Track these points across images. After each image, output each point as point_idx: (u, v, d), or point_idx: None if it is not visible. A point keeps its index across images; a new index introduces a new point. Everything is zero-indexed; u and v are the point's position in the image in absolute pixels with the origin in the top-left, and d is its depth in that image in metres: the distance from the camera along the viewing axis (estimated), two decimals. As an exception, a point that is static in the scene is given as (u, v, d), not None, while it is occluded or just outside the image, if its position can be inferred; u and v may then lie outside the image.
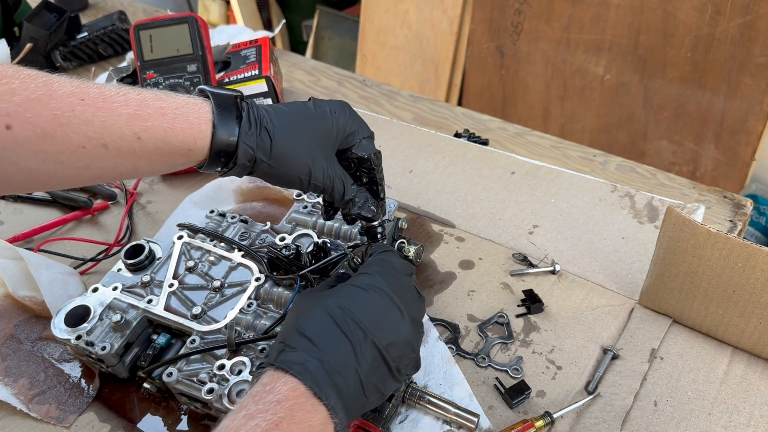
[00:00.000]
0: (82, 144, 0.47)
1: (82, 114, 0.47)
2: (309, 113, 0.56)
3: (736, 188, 1.71)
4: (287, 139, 0.54)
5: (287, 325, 0.51)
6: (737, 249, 0.59)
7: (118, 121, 0.48)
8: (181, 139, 0.51)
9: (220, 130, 0.52)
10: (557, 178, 0.92)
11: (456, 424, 0.62)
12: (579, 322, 0.73)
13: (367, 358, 0.48)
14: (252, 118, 0.53)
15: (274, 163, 0.54)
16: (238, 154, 0.52)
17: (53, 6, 1.29)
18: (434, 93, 2.09)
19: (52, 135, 0.46)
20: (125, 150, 0.49)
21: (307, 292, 0.56)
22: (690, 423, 0.62)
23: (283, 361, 0.46)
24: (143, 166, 0.52)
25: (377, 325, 0.50)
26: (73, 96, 0.47)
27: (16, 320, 0.76)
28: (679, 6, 1.58)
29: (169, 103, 0.51)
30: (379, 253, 0.58)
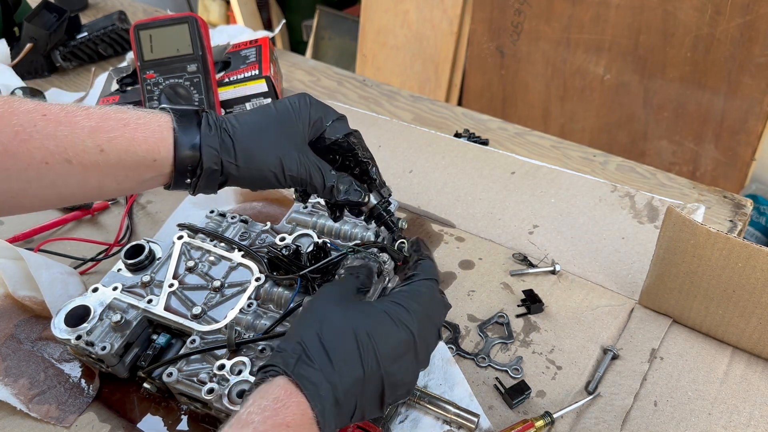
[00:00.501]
0: (45, 159, 0.47)
1: (44, 129, 0.47)
2: (269, 112, 0.56)
3: (736, 188, 1.71)
4: (251, 137, 0.54)
5: (307, 324, 0.49)
6: (737, 249, 0.59)
7: (80, 134, 0.48)
8: (144, 148, 0.51)
9: (181, 136, 0.52)
10: (557, 178, 0.92)
11: (456, 424, 0.62)
12: (579, 322, 0.73)
13: (370, 389, 0.48)
14: (211, 122, 0.53)
15: (242, 163, 0.53)
16: (203, 159, 0.52)
17: (53, 6, 1.29)
18: (434, 93, 2.09)
19: (14, 152, 0.46)
20: (89, 164, 0.49)
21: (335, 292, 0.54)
22: (690, 423, 0.62)
23: (300, 375, 0.45)
24: (109, 183, 0.51)
25: (392, 363, 0.48)
26: (34, 112, 0.47)
27: (16, 320, 0.76)
28: (679, 6, 1.58)
29: (130, 115, 0.51)
30: (423, 279, 0.54)
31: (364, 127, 1.05)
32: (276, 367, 0.46)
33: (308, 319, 0.50)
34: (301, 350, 0.46)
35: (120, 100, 1.04)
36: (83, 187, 0.51)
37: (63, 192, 0.50)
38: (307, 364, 0.46)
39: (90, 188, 0.51)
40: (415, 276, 0.55)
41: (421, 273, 0.55)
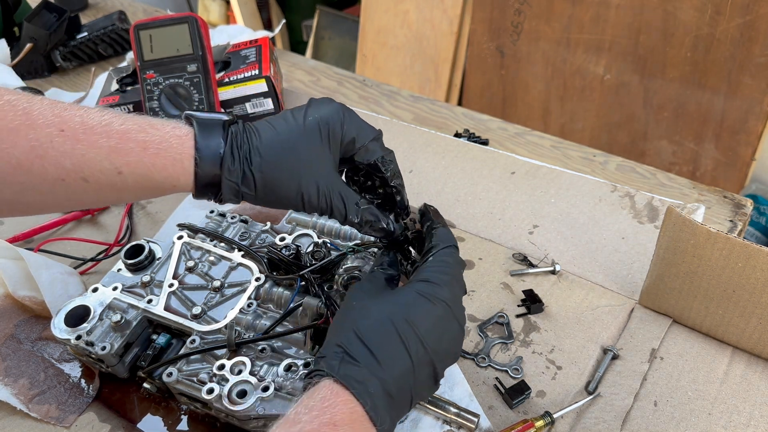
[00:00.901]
0: (60, 176, 0.46)
1: (61, 146, 0.45)
2: (298, 131, 0.52)
3: (736, 188, 1.71)
4: (274, 167, 0.50)
5: (344, 326, 0.48)
6: (737, 249, 0.59)
7: (98, 154, 0.46)
8: (164, 175, 0.49)
9: (202, 166, 0.49)
10: (557, 178, 0.92)
11: (456, 424, 0.62)
12: (579, 322, 0.73)
13: (423, 375, 0.47)
14: (235, 150, 0.50)
15: (262, 193, 0.51)
16: (222, 191, 0.50)
17: (53, 6, 1.29)
18: (434, 93, 2.09)
19: (28, 167, 0.44)
20: (106, 184, 0.47)
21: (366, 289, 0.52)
22: (690, 423, 0.62)
23: (344, 376, 0.44)
24: (127, 197, 0.51)
25: (438, 341, 0.48)
26: (52, 126, 0.45)
27: (16, 320, 0.76)
28: (679, 6, 1.58)
29: (152, 137, 0.48)
30: (444, 248, 0.53)
31: (364, 127, 1.05)
32: (320, 371, 0.45)
33: (343, 320, 0.49)
34: (342, 351, 0.46)
35: (120, 100, 1.04)
36: (99, 201, 0.50)
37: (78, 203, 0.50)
38: (351, 363, 0.45)
39: (106, 200, 0.51)
40: (435, 246, 0.53)
41: (440, 242, 0.54)
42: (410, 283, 0.51)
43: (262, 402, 0.59)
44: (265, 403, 0.59)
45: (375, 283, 0.53)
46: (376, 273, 0.55)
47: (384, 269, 0.55)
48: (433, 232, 0.55)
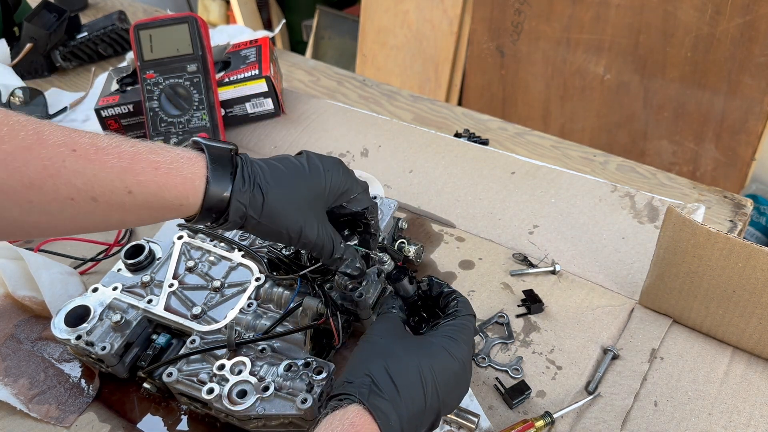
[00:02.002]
0: (71, 196, 0.46)
1: (73, 165, 0.45)
2: (303, 172, 0.56)
3: (736, 188, 1.71)
4: (280, 198, 0.53)
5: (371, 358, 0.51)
6: (737, 249, 0.59)
7: (109, 174, 0.47)
8: (174, 194, 0.50)
9: (213, 186, 0.51)
10: (557, 178, 0.92)
11: (456, 424, 0.62)
12: (579, 322, 0.73)
13: (428, 418, 0.51)
14: (246, 174, 0.52)
15: (265, 221, 0.53)
16: (230, 211, 0.52)
17: (53, 6, 1.29)
18: (434, 93, 2.09)
19: (40, 186, 0.44)
20: (115, 204, 0.48)
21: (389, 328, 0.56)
22: (690, 423, 0.62)
23: (373, 405, 0.47)
24: (131, 219, 0.51)
25: (448, 393, 0.52)
26: (64, 146, 0.45)
27: (16, 320, 0.76)
28: (679, 6, 1.58)
29: (163, 157, 0.49)
30: (465, 316, 0.58)
31: (364, 127, 1.05)
32: (350, 395, 0.48)
33: (371, 353, 0.52)
34: (371, 382, 0.49)
35: (120, 100, 1.04)
36: (104, 222, 0.50)
37: (82, 225, 0.50)
38: (378, 395, 0.48)
39: (110, 223, 0.51)
40: (459, 311, 0.58)
41: (463, 309, 0.58)
42: (435, 336, 0.55)
43: (262, 402, 0.59)
44: (265, 403, 0.59)
45: (395, 323, 0.57)
46: (393, 315, 0.59)
47: (397, 312, 0.59)
48: (457, 300, 0.60)
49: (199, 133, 0.98)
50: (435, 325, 0.58)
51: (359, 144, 1.02)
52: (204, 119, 0.98)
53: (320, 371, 0.61)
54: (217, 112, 1.00)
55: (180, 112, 0.99)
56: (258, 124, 1.09)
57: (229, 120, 1.07)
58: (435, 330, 0.56)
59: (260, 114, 1.08)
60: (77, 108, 1.22)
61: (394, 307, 0.60)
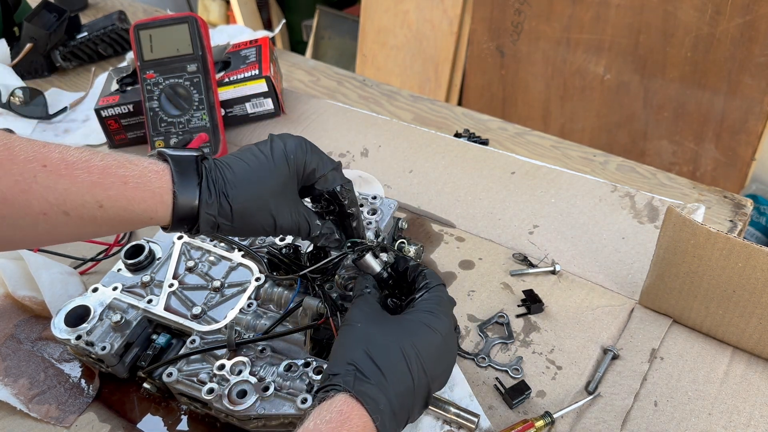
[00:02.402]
0: (43, 211, 0.47)
1: (44, 181, 0.46)
2: (267, 163, 0.56)
3: (736, 188, 1.71)
4: (247, 199, 0.54)
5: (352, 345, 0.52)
6: (737, 249, 0.59)
7: (80, 189, 0.47)
8: (143, 207, 0.51)
9: (180, 200, 0.51)
10: (557, 178, 0.92)
11: (456, 424, 0.62)
12: (579, 322, 0.73)
13: (419, 397, 0.52)
14: (211, 185, 0.53)
15: (238, 223, 0.54)
16: (199, 222, 0.53)
17: (53, 6, 1.29)
18: (434, 93, 2.09)
19: (12, 201, 0.45)
20: (87, 217, 0.49)
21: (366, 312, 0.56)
22: (690, 423, 0.62)
23: (360, 391, 0.48)
24: (103, 231, 0.52)
25: (435, 367, 0.53)
26: (35, 161, 0.46)
27: (16, 320, 0.76)
28: (679, 6, 1.58)
29: (131, 171, 0.50)
30: (437, 285, 0.59)
31: (364, 127, 1.05)
32: (336, 386, 0.49)
33: (352, 340, 0.53)
34: (354, 369, 0.49)
35: (120, 100, 1.04)
36: (77, 235, 0.51)
37: (56, 238, 0.51)
38: (364, 381, 0.49)
39: (83, 235, 0.52)
40: (429, 283, 0.59)
41: (431, 280, 0.59)
42: (412, 313, 0.56)
43: (262, 402, 0.59)
44: (265, 403, 0.59)
45: (371, 305, 0.57)
46: (368, 296, 0.59)
47: (371, 293, 0.60)
48: (424, 272, 0.61)
49: (199, 134, 0.98)
50: (410, 302, 0.58)
51: (359, 144, 1.02)
52: (204, 119, 0.98)
53: (320, 371, 0.61)
54: (217, 112, 1.00)
55: (180, 112, 0.99)
56: (258, 124, 1.09)
57: (229, 120, 1.07)
58: (411, 307, 0.57)
59: (260, 114, 1.08)
60: (77, 108, 1.22)
61: (367, 287, 0.60)
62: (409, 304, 0.58)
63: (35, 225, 0.47)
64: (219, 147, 0.98)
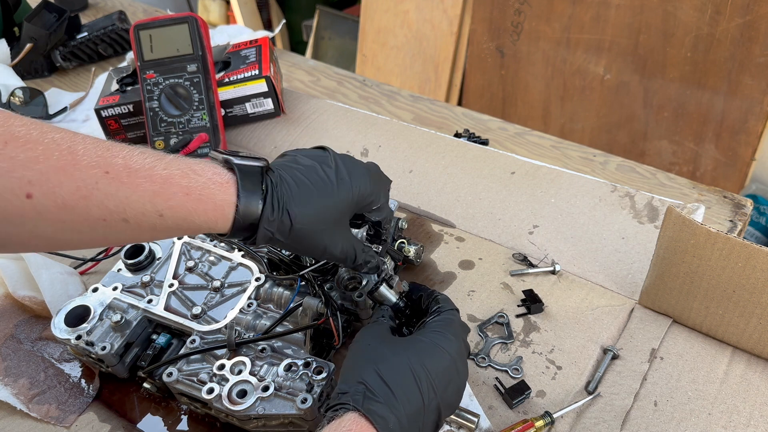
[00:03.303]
0: (102, 217, 0.46)
1: (106, 188, 0.46)
2: (330, 188, 0.55)
3: (736, 188, 1.71)
4: (307, 222, 0.53)
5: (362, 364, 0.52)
6: (737, 249, 0.59)
7: (141, 198, 0.47)
8: (204, 219, 0.50)
9: (242, 214, 0.51)
10: (557, 178, 0.92)
11: (456, 424, 0.62)
12: (579, 322, 0.73)
13: (430, 417, 0.51)
14: (275, 200, 0.52)
15: (291, 242, 0.54)
16: (257, 236, 0.52)
17: (53, 6, 1.29)
18: (434, 93, 2.09)
19: (72, 207, 0.45)
20: (146, 225, 0.48)
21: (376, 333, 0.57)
22: (690, 423, 0.62)
23: (369, 410, 0.48)
24: (161, 237, 0.52)
25: (445, 389, 0.52)
26: (97, 167, 0.46)
27: (16, 320, 0.76)
28: (679, 6, 1.58)
29: (195, 182, 0.49)
30: (448, 311, 0.59)
31: (364, 127, 1.05)
32: (346, 404, 0.49)
33: (362, 360, 0.53)
34: (365, 388, 0.49)
35: (120, 100, 1.04)
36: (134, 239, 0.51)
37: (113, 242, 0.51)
38: (374, 399, 0.49)
39: (141, 239, 0.52)
40: (441, 307, 0.59)
41: (444, 304, 0.59)
42: (422, 334, 0.55)
43: (262, 402, 0.59)
44: (265, 403, 0.59)
45: (383, 329, 0.58)
46: (381, 322, 0.59)
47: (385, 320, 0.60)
48: (437, 297, 0.61)
49: (199, 134, 0.98)
50: (421, 325, 0.58)
51: (359, 144, 1.02)
52: (204, 119, 0.98)
53: (320, 371, 0.61)
54: (217, 112, 1.00)
55: (180, 112, 0.99)
56: (258, 124, 1.09)
57: (229, 120, 1.07)
58: (422, 328, 0.57)
59: (260, 114, 1.08)
60: (77, 108, 1.22)
61: (383, 316, 0.60)
62: (420, 326, 0.58)
63: (94, 230, 0.47)
64: (219, 147, 0.99)
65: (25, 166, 0.42)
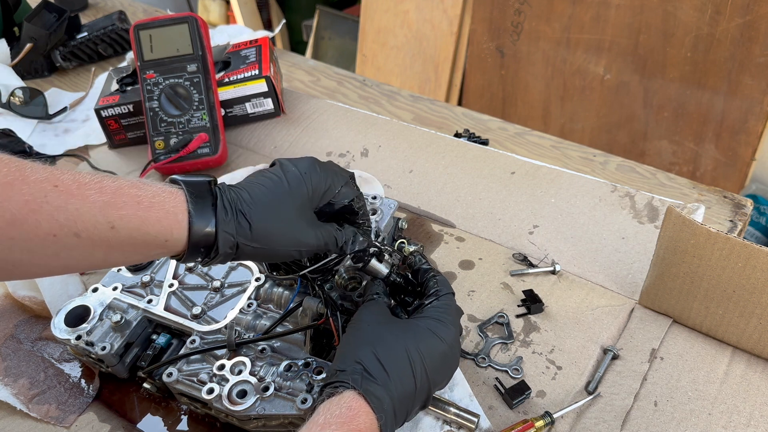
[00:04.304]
0: (53, 232, 0.45)
1: (55, 200, 0.45)
2: (282, 186, 0.55)
3: (736, 188, 1.71)
4: (267, 219, 0.53)
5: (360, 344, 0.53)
6: (737, 249, 0.59)
7: (92, 209, 0.46)
8: (157, 229, 0.49)
9: (196, 219, 0.50)
10: (557, 178, 0.92)
11: (456, 424, 0.62)
12: (579, 322, 0.73)
13: (420, 398, 0.53)
14: (227, 203, 0.52)
15: (258, 244, 0.53)
16: (218, 244, 0.51)
17: (53, 6, 1.29)
18: (434, 93, 2.09)
19: (22, 221, 0.44)
20: (98, 239, 0.47)
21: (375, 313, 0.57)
22: (690, 423, 0.62)
23: (367, 391, 0.49)
24: (116, 257, 0.50)
25: (437, 372, 0.54)
26: (46, 182, 0.45)
27: (16, 320, 0.76)
28: (679, 6, 1.58)
29: (144, 192, 0.49)
30: (447, 293, 0.59)
31: (364, 127, 1.05)
32: (344, 382, 0.50)
33: (360, 339, 0.54)
34: (362, 369, 0.51)
35: (120, 100, 1.04)
36: (88, 260, 0.49)
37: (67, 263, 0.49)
38: (370, 380, 0.50)
39: (95, 261, 0.50)
40: (439, 291, 0.60)
41: (442, 288, 0.60)
42: (421, 319, 0.57)
43: (262, 402, 0.59)
44: (265, 403, 0.59)
45: (381, 308, 0.58)
46: (377, 300, 0.60)
47: (381, 297, 0.61)
48: (436, 279, 0.61)
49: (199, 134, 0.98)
50: (419, 307, 0.59)
51: (359, 144, 1.02)
52: (204, 119, 0.98)
53: (320, 371, 0.61)
54: (217, 112, 1.00)
55: (180, 112, 0.99)
56: (258, 124, 1.09)
57: (229, 120, 1.07)
58: (420, 312, 0.58)
59: (260, 114, 1.08)
60: (77, 108, 1.22)
61: (378, 293, 0.61)
62: (418, 308, 0.59)
63: (45, 248, 0.46)
64: (219, 147, 0.98)
65: None
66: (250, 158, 1.03)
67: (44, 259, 0.47)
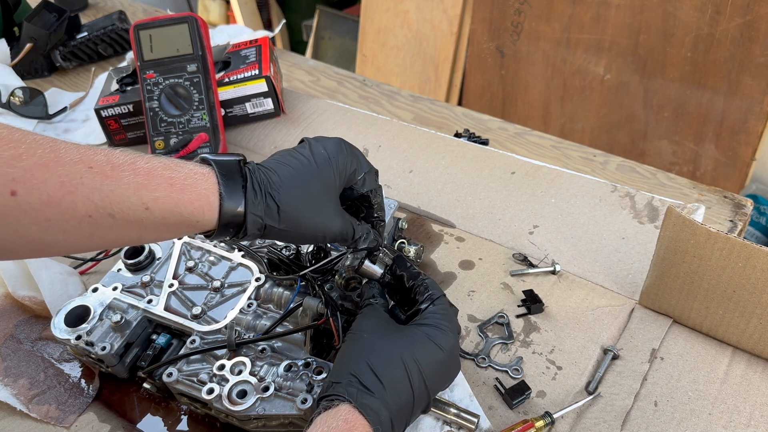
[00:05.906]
0: (88, 213, 0.46)
1: (90, 182, 0.45)
2: (310, 166, 0.55)
3: (736, 188, 1.71)
4: (294, 201, 0.53)
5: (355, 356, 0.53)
6: (737, 249, 0.59)
7: (126, 191, 0.47)
8: (190, 210, 0.50)
9: (227, 201, 0.51)
10: (557, 178, 0.92)
11: (456, 424, 0.62)
12: (579, 322, 0.73)
13: (419, 407, 0.53)
14: (256, 185, 0.52)
15: (285, 226, 0.53)
16: (247, 225, 0.52)
17: (53, 6, 1.29)
18: (434, 93, 2.09)
19: (58, 203, 0.44)
20: (132, 220, 0.48)
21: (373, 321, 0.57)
22: (690, 423, 0.62)
23: (362, 404, 0.49)
24: (148, 236, 0.51)
25: (435, 381, 0.54)
26: (80, 163, 0.45)
27: (16, 320, 0.76)
28: (679, 6, 1.58)
29: (177, 173, 0.50)
30: (440, 298, 0.59)
31: (364, 127, 1.05)
32: (340, 396, 0.50)
33: (356, 351, 0.54)
34: (357, 381, 0.50)
35: (120, 100, 1.04)
36: (121, 239, 0.50)
37: (100, 243, 0.49)
38: (366, 393, 0.50)
39: (129, 240, 0.51)
40: (432, 295, 0.59)
41: (434, 291, 0.59)
42: (418, 325, 0.56)
43: (262, 402, 0.59)
44: (265, 403, 0.59)
45: (378, 314, 0.58)
46: (375, 306, 0.59)
47: (377, 300, 0.60)
48: (426, 283, 0.60)
49: (199, 134, 0.98)
50: (415, 313, 0.58)
51: (359, 144, 1.02)
52: (204, 119, 0.98)
53: (320, 371, 0.61)
54: (217, 112, 1.00)
55: (180, 112, 0.99)
56: (258, 124, 1.09)
57: (229, 120, 1.07)
58: (417, 319, 0.57)
59: (260, 114, 1.08)
60: (77, 108, 1.22)
61: (374, 296, 0.60)
62: (414, 315, 0.58)
63: (80, 228, 0.46)
64: (219, 147, 0.98)
65: (8, 164, 0.42)
66: (250, 158, 1.03)
67: (80, 239, 0.47)
